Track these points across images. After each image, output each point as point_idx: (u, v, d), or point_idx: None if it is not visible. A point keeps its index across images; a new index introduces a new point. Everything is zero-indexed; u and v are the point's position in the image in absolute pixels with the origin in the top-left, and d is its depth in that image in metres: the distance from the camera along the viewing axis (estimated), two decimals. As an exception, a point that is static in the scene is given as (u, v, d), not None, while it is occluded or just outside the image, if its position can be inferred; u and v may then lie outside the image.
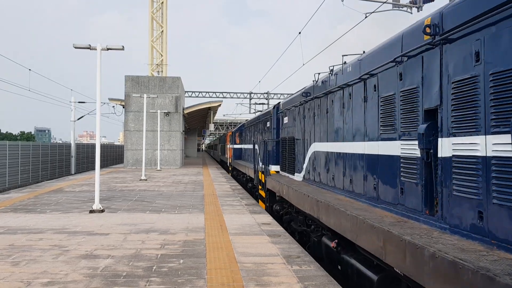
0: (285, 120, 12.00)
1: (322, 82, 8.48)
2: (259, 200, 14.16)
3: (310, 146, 9.22)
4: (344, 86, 7.12)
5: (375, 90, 5.91)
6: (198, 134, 63.76)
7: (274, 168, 12.94)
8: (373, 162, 5.90)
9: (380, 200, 5.64)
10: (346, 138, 7.04)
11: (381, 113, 5.68)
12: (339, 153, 7.31)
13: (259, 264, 5.86)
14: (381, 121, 5.68)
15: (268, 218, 9.72)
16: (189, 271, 5.53)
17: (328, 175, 7.91)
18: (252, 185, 17.74)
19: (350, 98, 6.85)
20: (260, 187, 14.09)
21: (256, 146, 16.88)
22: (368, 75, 6.14)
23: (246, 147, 22.50)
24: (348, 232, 5.48)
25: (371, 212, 5.39)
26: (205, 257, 6.22)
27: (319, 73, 8.85)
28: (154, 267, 5.68)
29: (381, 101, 5.69)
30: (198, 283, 5.02)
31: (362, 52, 6.82)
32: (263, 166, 13.47)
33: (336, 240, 6.42)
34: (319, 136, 8.57)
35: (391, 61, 5.35)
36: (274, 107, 13.60)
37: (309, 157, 9.23)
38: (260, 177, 14.02)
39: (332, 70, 7.88)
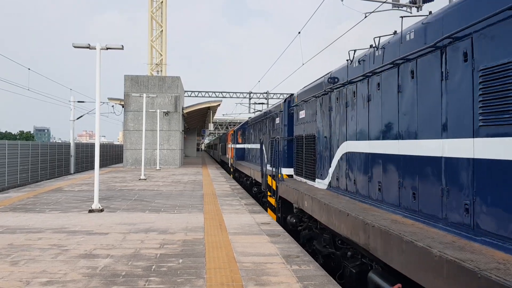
0: (301, 114, 10.12)
1: (360, 61, 6.60)
2: (268, 209, 12.23)
3: (339, 145, 7.37)
4: (400, 62, 5.26)
5: (466, 60, 4.03)
6: (197, 134, 63.78)
7: (286, 171, 11.04)
8: (463, 170, 3.96)
9: (480, 230, 3.72)
10: (403, 135, 5.17)
11: (481, 95, 3.79)
12: (392, 155, 5.38)
13: (259, 263, 5.86)
14: (481, 107, 3.78)
15: (267, 217, 9.71)
16: (188, 270, 5.52)
17: (370, 185, 6.04)
18: (258, 189, 15.84)
19: (413, 77, 4.98)
20: (269, 193, 12.03)
21: (263, 146, 15.01)
22: (451, 39, 4.24)
23: (250, 146, 20.70)
24: (440, 285, 3.41)
25: (473, 252, 3.43)
26: (204, 256, 6.22)
27: (354, 50, 6.90)
28: (153, 267, 5.67)
29: (481, 76, 3.83)
30: (197, 283, 5.02)
31: (428, 13, 5.03)
32: (272, 169, 11.41)
33: (399, 285, 4.43)
34: (355, 132, 6.71)
35: (508, 8, 3.43)
36: (285, 101, 11.90)
37: (338, 160, 7.39)
38: (269, 182, 11.95)
39: (376, 45, 5.95)
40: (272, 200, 11.76)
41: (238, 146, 25.19)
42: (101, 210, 10.35)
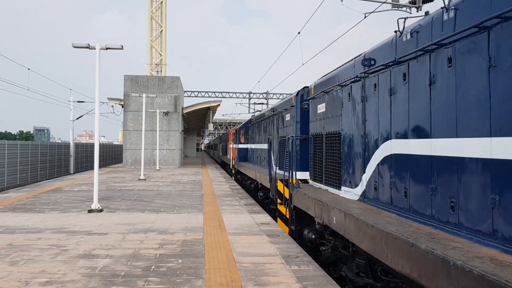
0: (320, 108, 8.63)
1: (413, 33, 5.03)
2: (278, 219, 10.70)
3: (379, 145, 5.82)
4: (492, 23, 3.68)
5: None
6: (197, 134, 63.80)
7: (300, 175, 9.52)
8: None
9: None
10: (503, 131, 3.52)
11: None
12: (479, 160, 3.78)
13: (258, 264, 5.85)
14: None
15: (267, 218, 9.71)
16: (188, 271, 5.52)
17: (435, 201, 4.43)
18: (264, 195, 14.27)
19: None
20: (279, 200, 10.52)
21: (272, 146, 13.42)
22: None
23: (254, 147, 19.26)
24: None
25: None
26: (203, 257, 6.22)
27: (404, 18, 5.33)
28: (153, 267, 5.67)
29: None
30: (197, 283, 5.02)
31: None
32: (284, 173, 9.85)
33: None
34: (406, 128, 5.13)
35: None
36: (297, 94, 10.52)
37: (377, 164, 5.85)
38: (280, 188, 10.36)
39: (445, 5, 4.40)
40: (282, 209, 10.28)
41: (240, 146, 23.92)
42: (101, 210, 10.34)
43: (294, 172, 9.24)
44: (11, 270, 5.49)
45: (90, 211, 10.23)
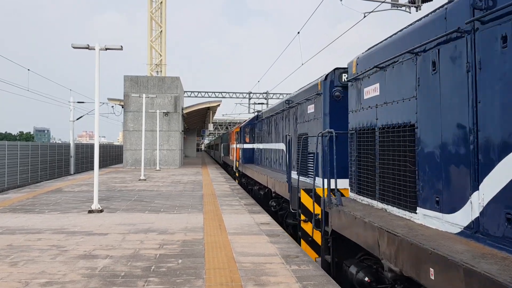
0: (369, 91, 6.23)
1: None
2: (302, 241, 8.37)
3: None
4: None
5: None
6: (197, 134, 63.83)
7: (332, 183, 6.69)
8: None
9: None
10: None
11: None
12: None
13: (258, 263, 5.85)
14: None
15: (267, 217, 9.71)
16: (188, 271, 5.52)
17: None
18: (278, 205, 11.60)
19: None
20: (302, 216, 8.33)
21: (291, 147, 10.87)
22: None
23: (263, 147, 17.13)
24: None
25: None
26: (203, 257, 6.22)
27: None
28: (153, 267, 5.67)
29: None
30: (197, 283, 5.02)
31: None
32: (319, 181, 7.72)
33: None
34: None
35: None
36: (325, 78, 8.45)
37: None
38: (306, 203, 8.25)
39: None
40: (308, 229, 8.14)
41: (246, 146, 21.43)
42: (101, 211, 10.35)
43: (332, 181, 6.63)
44: (11, 271, 5.49)
45: (90, 211, 10.24)
